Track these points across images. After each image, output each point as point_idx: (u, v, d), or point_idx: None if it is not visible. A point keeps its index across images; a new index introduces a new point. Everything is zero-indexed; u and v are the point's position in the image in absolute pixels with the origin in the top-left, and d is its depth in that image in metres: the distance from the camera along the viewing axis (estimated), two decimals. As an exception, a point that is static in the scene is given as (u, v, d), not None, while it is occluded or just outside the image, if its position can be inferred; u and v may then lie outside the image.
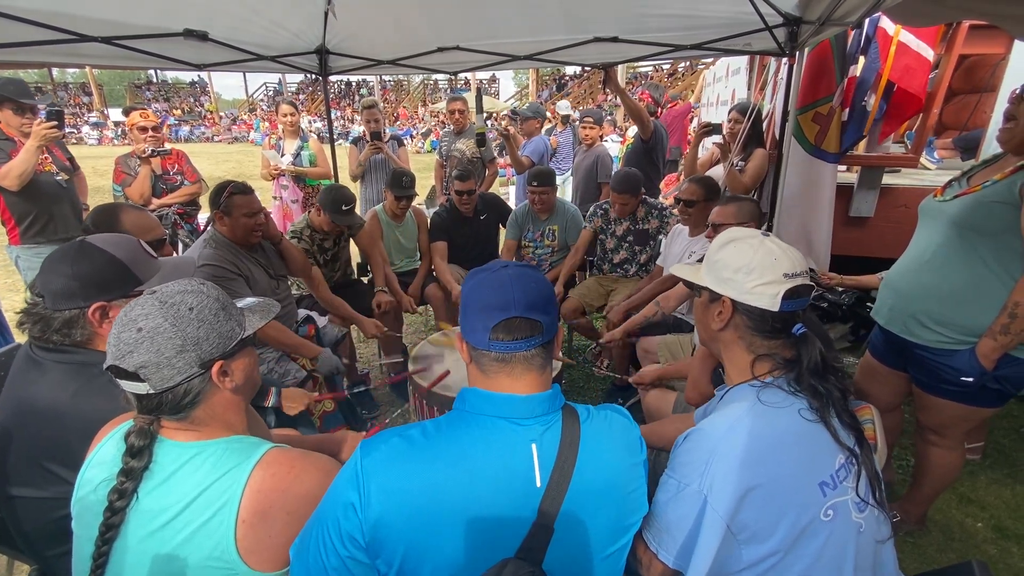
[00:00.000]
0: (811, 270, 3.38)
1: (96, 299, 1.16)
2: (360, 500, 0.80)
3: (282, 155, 4.18)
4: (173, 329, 0.87)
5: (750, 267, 1.02)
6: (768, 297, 1.00)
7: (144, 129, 3.39)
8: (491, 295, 0.89)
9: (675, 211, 2.94)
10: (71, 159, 3.21)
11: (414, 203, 3.47)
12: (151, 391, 0.87)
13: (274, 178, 4.21)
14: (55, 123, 2.72)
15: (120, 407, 1.02)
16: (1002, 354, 1.57)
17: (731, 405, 1.01)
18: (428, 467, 0.82)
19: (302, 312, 2.65)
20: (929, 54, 2.92)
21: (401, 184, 3.19)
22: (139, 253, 1.27)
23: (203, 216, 3.94)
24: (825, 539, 0.92)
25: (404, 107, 32.62)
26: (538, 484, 0.84)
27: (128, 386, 0.88)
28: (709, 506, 0.90)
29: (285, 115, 4.19)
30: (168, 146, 3.55)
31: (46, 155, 2.93)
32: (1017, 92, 1.57)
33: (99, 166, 11.20)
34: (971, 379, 1.62)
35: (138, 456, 0.86)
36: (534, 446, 0.86)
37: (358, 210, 4.36)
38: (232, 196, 2.20)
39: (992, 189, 1.57)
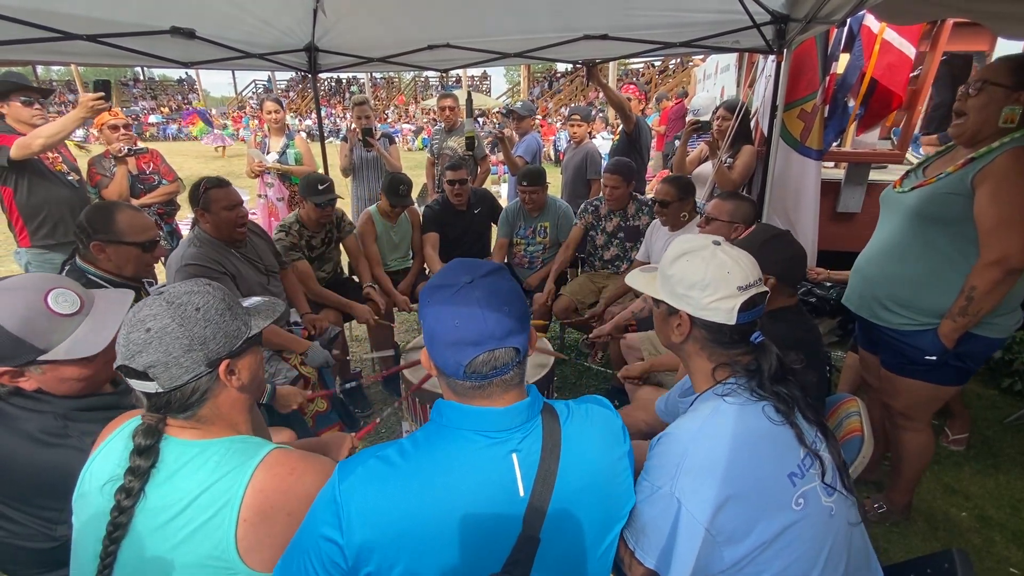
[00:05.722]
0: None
1: None
2: (341, 525, 0.78)
3: (267, 152, 4.15)
4: (180, 329, 0.88)
5: (704, 283, 1.03)
6: (724, 312, 1.02)
7: (115, 127, 3.26)
8: (462, 328, 0.81)
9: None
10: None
11: (406, 201, 3.46)
12: (160, 390, 0.88)
13: (258, 175, 4.18)
14: (102, 94, 2.46)
15: (74, 456, 0.99)
16: (961, 334, 1.67)
17: (698, 409, 1.04)
18: (407, 486, 0.80)
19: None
20: (911, 52, 2.96)
21: (398, 192, 3.18)
22: (38, 316, 1.06)
23: (181, 216, 3.89)
24: (801, 528, 0.94)
25: (402, 95, 32.57)
26: (521, 493, 0.83)
27: (138, 385, 0.89)
28: (685, 510, 0.91)
29: (269, 112, 4.16)
30: (142, 145, 3.46)
31: (56, 154, 2.82)
32: (963, 90, 1.65)
33: (86, 166, 11.01)
34: (934, 357, 1.73)
35: (145, 454, 0.86)
36: (515, 456, 0.84)
37: (349, 209, 4.37)
38: (208, 191, 2.18)
39: (946, 181, 1.65)
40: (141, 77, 36.03)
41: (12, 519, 1.08)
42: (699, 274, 1.04)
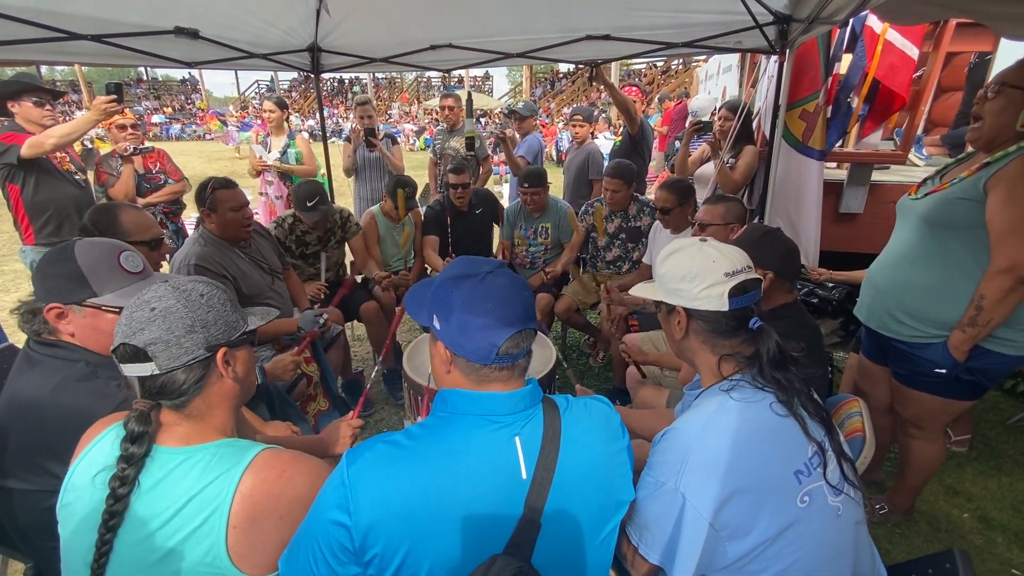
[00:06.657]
0: (801, 265, 3.42)
1: (50, 300, 1.18)
2: (349, 508, 0.79)
3: (268, 151, 4.17)
4: (185, 309, 0.90)
5: (692, 274, 1.06)
6: (715, 299, 1.04)
7: (123, 127, 3.30)
8: (497, 310, 0.87)
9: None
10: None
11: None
12: (156, 371, 0.88)
13: (259, 174, 4.19)
14: (114, 97, 2.50)
15: (99, 392, 1.06)
16: (972, 346, 1.61)
17: (702, 404, 1.04)
18: (415, 470, 0.82)
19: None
20: (914, 53, 2.96)
21: (404, 196, 3.19)
22: (106, 264, 1.22)
23: (187, 215, 3.93)
24: (805, 526, 0.94)
25: (406, 92, 32.68)
26: (524, 476, 0.85)
27: (133, 369, 0.88)
28: (689, 505, 0.92)
29: (267, 112, 4.19)
30: (149, 144, 3.49)
31: (64, 154, 2.85)
32: (981, 93, 1.59)
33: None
34: (944, 371, 1.67)
35: (138, 442, 0.86)
36: (517, 439, 0.87)
37: (353, 207, 4.37)
38: (215, 192, 2.19)
39: (959, 186, 1.60)
40: (145, 77, 36.12)
41: (45, 471, 1.11)
42: (686, 267, 1.08)
